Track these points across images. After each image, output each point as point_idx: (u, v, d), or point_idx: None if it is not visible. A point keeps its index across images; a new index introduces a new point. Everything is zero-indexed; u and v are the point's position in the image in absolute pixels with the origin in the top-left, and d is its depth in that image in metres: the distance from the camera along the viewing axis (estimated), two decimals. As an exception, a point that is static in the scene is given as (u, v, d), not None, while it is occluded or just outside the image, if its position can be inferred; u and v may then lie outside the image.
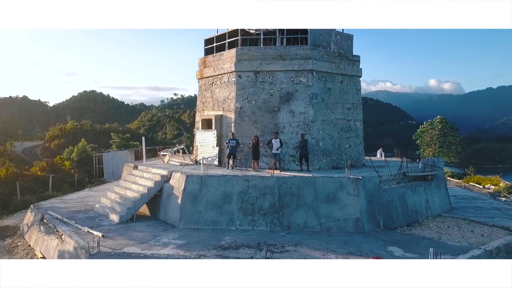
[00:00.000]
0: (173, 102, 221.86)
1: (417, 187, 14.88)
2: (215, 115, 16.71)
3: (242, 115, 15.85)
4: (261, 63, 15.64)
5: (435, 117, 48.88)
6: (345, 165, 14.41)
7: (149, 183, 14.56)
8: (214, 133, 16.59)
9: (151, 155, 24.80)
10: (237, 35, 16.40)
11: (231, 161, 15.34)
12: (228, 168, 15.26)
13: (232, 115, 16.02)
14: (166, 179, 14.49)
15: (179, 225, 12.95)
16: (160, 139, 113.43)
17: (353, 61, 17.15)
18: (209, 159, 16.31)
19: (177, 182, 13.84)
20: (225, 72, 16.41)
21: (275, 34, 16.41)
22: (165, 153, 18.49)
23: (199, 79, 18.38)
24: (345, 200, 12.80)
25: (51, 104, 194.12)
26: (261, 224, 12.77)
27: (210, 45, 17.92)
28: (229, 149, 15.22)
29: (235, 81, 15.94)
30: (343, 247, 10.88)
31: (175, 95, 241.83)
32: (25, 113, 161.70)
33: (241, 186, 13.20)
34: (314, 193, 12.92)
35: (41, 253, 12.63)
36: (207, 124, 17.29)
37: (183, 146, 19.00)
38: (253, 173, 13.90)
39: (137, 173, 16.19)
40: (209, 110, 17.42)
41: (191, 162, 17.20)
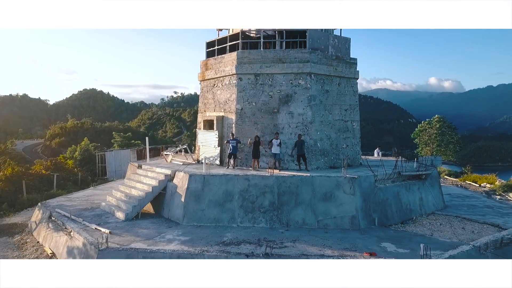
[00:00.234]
0: (173, 100, 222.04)
1: (411, 186, 15.39)
2: (216, 116, 17.22)
3: (242, 116, 16.37)
4: (261, 66, 16.13)
5: (433, 116, 49.40)
6: (342, 164, 14.94)
7: (154, 182, 15.06)
8: (215, 134, 17.11)
9: (153, 154, 25.31)
10: (238, 38, 16.88)
11: (231, 161, 15.85)
12: (229, 167, 15.77)
13: (233, 116, 16.54)
14: (169, 178, 14.98)
15: (182, 223, 13.46)
16: (160, 137, 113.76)
17: (350, 63, 17.65)
18: (211, 159, 16.84)
19: (181, 181, 14.37)
20: (226, 74, 16.90)
21: (275, 37, 16.91)
22: (168, 153, 19.01)
23: (201, 81, 18.88)
24: (342, 198, 13.33)
25: (51, 102, 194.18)
26: (261, 221, 13.30)
27: (211, 48, 18.38)
28: (230, 149, 15.76)
29: (236, 84, 16.45)
30: (339, 243, 11.40)
31: (175, 93, 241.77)
32: (25, 111, 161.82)
33: (242, 185, 13.72)
34: (312, 191, 13.45)
35: (50, 249, 13.14)
36: (208, 124, 17.79)
37: (185, 146, 19.52)
38: (254, 173, 14.40)
39: (141, 172, 16.71)
40: (210, 111, 17.93)
41: (193, 161, 17.71)
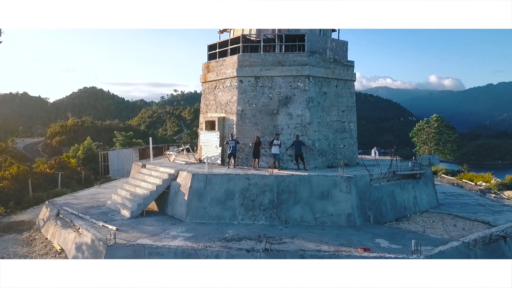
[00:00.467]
0: (173, 98, 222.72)
1: (406, 185, 15.97)
2: (218, 117, 17.78)
3: (243, 118, 16.93)
4: (261, 69, 16.69)
5: (433, 115, 49.95)
6: (339, 164, 15.51)
7: (158, 181, 15.62)
8: (217, 134, 17.66)
9: (155, 153, 25.84)
10: (238, 42, 17.41)
11: (232, 160, 16.42)
12: (230, 167, 16.34)
13: (234, 117, 17.11)
14: (173, 177, 15.54)
15: (186, 220, 14.04)
16: (160, 135, 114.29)
17: (348, 66, 18.20)
18: (213, 158, 17.40)
19: (184, 180, 14.94)
20: (227, 77, 17.46)
21: (275, 41, 17.46)
22: (170, 153, 19.59)
23: (203, 82, 19.43)
24: (338, 196, 13.90)
25: (51, 100, 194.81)
26: (261, 218, 13.88)
27: (213, 51, 18.91)
28: (229, 149, 16.33)
29: (237, 86, 17.01)
30: (335, 239, 11.98)
31: (175, 91, 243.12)
32: (25, 110, 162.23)
33: (242, 184, 14.30)
34: (309, 190, 14.03)
35: (59, 245, 13.70)
36: (210, 125, 18.33)
37: (188, 146, 20.10)
38: (254, 172, 14.97)
39: (145, 172, 17.27)
40: (212, 112, 18.49)
41: (195, 161, 18.29)
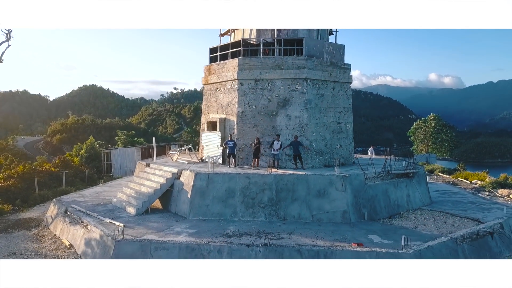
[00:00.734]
0: (173, 96, 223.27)
1: (399, 183, 16.64)
2: (219, 118, 18.44)
3: (243, 119, 17.60)
4: (261, 72, 17.33)
5: (433, 113, 50.56)
6: (335, 163, 16.19)
7: (162, 180, 16.29)
8: (218, 135, 18.32)
9: (157, 152, 26.50)
10: (239, 45, 18.05)
11: (232, 160, 17.11)
12: (230, 166, 17.02)
13: (234, 118, 17.77)
14: (176, 176, 16.20)
15: (189, 217, 14.72)
16: (160, 133, 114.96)
17: (344, 69, 18.86)
18: (214, 158, 18.08)
19: (187, 179, 15.62)
20: (228, 79, 18.11)
21: (274, 45, 18.10)
22: (173, 152, 20.27)
23: (204, 84, 20.08)
24: (334, 195, 14.58)
25: (51, 98, 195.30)
26: (260, 215, 14.56)
27: (214, 54, 19.55)
28: (228, 149, 16.99)
29: (238, 88, 17.66)
30: (331, 235, 12.66)
31: (175, 89, 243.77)
32: (25, 108, 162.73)
33: (243, 182, 14.97)
34: (307, 188, 14.70)
35: (68, 241, 14.38)
36: (212, 126, 18.99)
37: (190, 145, 20.77)
38: (254, 171, 15.63)
39: (149, 171, 17.95)
40: (213, 113, 19.15)
41: (197, 160, 18.97)
